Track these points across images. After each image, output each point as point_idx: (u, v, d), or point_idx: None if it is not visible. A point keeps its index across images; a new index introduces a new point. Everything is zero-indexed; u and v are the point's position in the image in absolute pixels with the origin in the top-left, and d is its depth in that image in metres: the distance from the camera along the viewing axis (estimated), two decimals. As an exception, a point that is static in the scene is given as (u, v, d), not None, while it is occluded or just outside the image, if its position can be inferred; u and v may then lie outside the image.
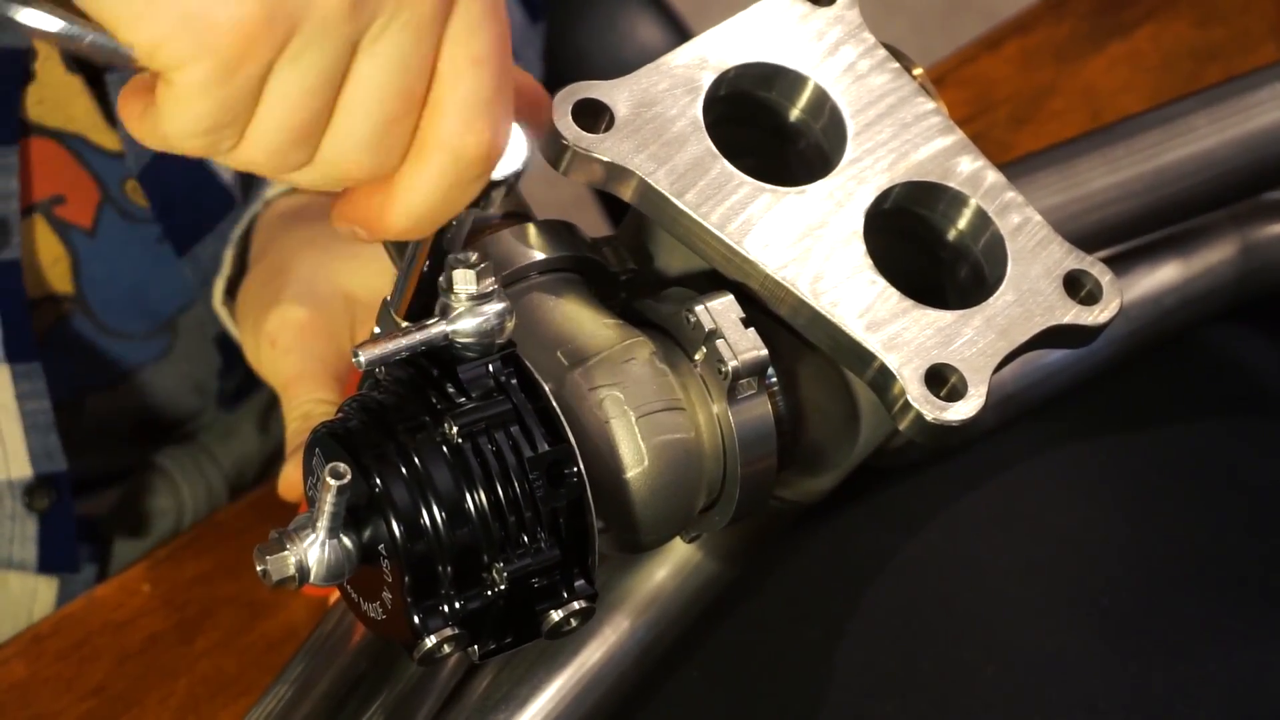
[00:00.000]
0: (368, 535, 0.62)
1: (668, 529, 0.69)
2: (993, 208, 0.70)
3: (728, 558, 0.79)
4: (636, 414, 0.66)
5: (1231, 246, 0.89)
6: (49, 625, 0.88)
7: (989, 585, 0.83)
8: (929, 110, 0.71)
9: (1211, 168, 0.84)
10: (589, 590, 0.64)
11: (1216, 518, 0.86)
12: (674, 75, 0.70)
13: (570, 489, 0.63)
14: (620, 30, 1.25)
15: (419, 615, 0.62)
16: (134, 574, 0.90)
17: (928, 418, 0.66)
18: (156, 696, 0.86)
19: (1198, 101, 0.85)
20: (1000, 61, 1.09)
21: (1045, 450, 0.87)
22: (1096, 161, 0.83)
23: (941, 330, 0.67)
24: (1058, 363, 0.86)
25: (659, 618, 0.77)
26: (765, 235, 0.68)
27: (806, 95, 0.71)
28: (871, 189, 0.69)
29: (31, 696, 0.86)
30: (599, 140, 0.68)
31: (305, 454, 0.65)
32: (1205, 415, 0.90)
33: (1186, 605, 0.83)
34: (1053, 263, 0.69)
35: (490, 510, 0.62)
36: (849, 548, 0.84)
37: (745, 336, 0.67)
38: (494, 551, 0.62)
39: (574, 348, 0.67)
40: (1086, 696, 0.80)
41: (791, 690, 0.81)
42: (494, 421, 0.63)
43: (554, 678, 0.75)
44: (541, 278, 0.69)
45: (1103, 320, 0.69)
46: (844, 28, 0.72)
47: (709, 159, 0.69)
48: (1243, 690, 0.80)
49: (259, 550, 0.62)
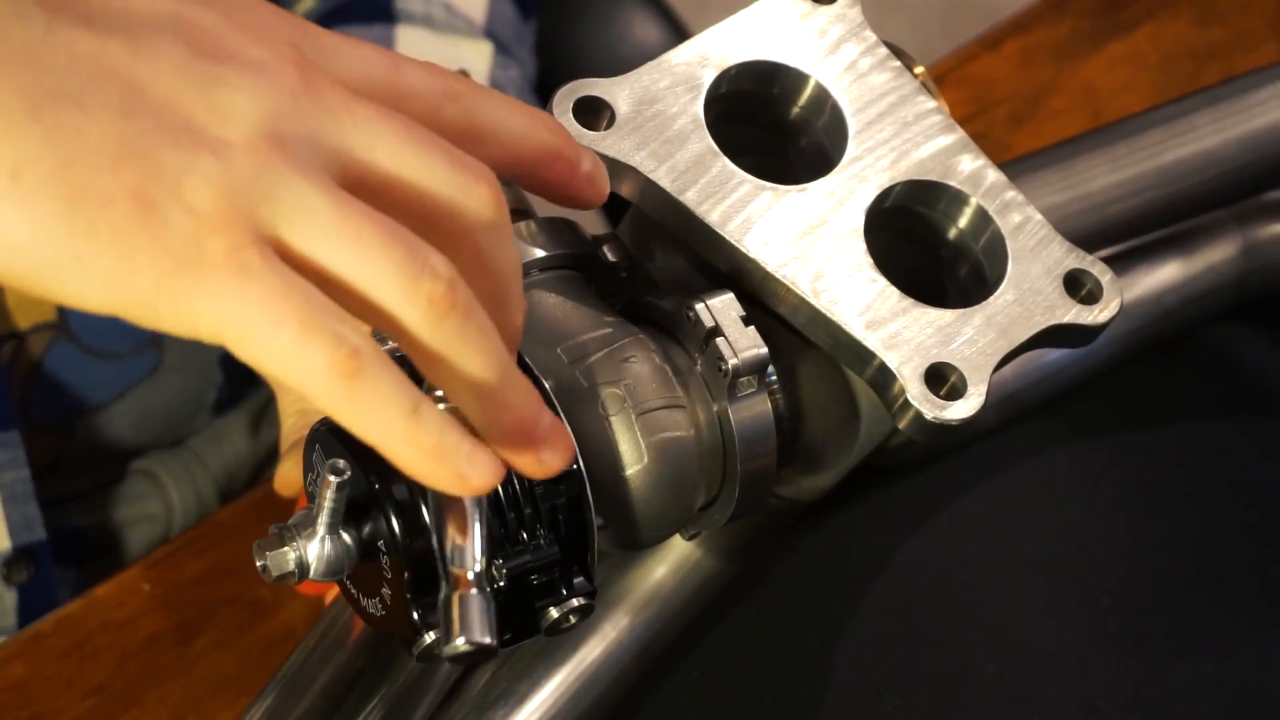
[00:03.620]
0: (367, 531, 0.62)
1: (667, 526, 0.69)
2: (993, 207, 0.70)
3: (727, 555, 0.79)
4: (636, 411, 0.66)
5: (1233, 246, 0.89)
6: (49, 624, 0.88)
7: (989, 585, 0.83)
8: (930, 109, 0.71)
9: (1213, 167, 0.84)
10: (588, 587, 0.64)
11: (1217, 518, 0.86)
12: (675, 73, 0.70)
13: (570, 486, 0.63)
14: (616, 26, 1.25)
15: (418, 611, 0.62)
16: (134, 574, 0.89)
17: (927, 416, 0.66)
18: (156, 696, 0.86)
19: (1199, 100, 0.85)
20: (1000, 61, 1.09)
21: (1045, 449, 0.87)
22: (1097, 160, 0.83)
23: (941, 329, 0.67)
24: (1058, 362, 0.86)
25: (658, 615, 0.77)
26: (766, 233, 0.68)
27: (807, 93, 0.72)
28: (872, 187, 0.69)
29: (31, 696, 0.86)
30: (600, 138, 0.68)
31: (305, 450, 0.65)
32: (1206, 415, 0.90)
33: (1186, 605, 0.83)
34: (1053, 262, 0.69)
35: (489, 507, 0.62)
36: (849, 546, 0.84)
37: (745, 334, 0.67)
38: (493, 548, 0.62)
39: (574, 345, 0.67)
40: (1086, 696, 0.79)
41: (791, 689, 0.81)
42: (494, 419, 0.63)
43: (553, 674, 0.75)
44: (541, 275, 0.69)
45: (1103, 319, 0.69)
46: (845, 26, 0.72)
47: (710, 157, 0.69)
48: (1243, 690, 0.80)
49: (259, 545, 0.62)
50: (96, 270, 0.52)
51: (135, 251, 0.52)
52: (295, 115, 0.55)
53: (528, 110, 0.63)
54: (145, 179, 0.52)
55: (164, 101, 0.54)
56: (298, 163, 0.55)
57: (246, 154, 0.54)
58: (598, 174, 0.64)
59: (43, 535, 0.94)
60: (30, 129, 0.52)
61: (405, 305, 0.55)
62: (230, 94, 0.54)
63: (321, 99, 0.56)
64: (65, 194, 0.52)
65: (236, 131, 0.54)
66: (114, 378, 1.00)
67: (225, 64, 0.55)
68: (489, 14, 1.10)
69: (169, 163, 0.53)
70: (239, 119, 0.54)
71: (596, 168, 0.64)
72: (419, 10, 1.07)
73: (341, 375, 0.53)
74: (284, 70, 0.56)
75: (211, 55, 0.55)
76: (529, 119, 0.62)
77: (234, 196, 0.53)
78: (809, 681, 0.80)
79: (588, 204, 0.65)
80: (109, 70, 0.53)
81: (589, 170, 0.64)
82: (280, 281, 0.53)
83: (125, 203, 0.52)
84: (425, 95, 0.60)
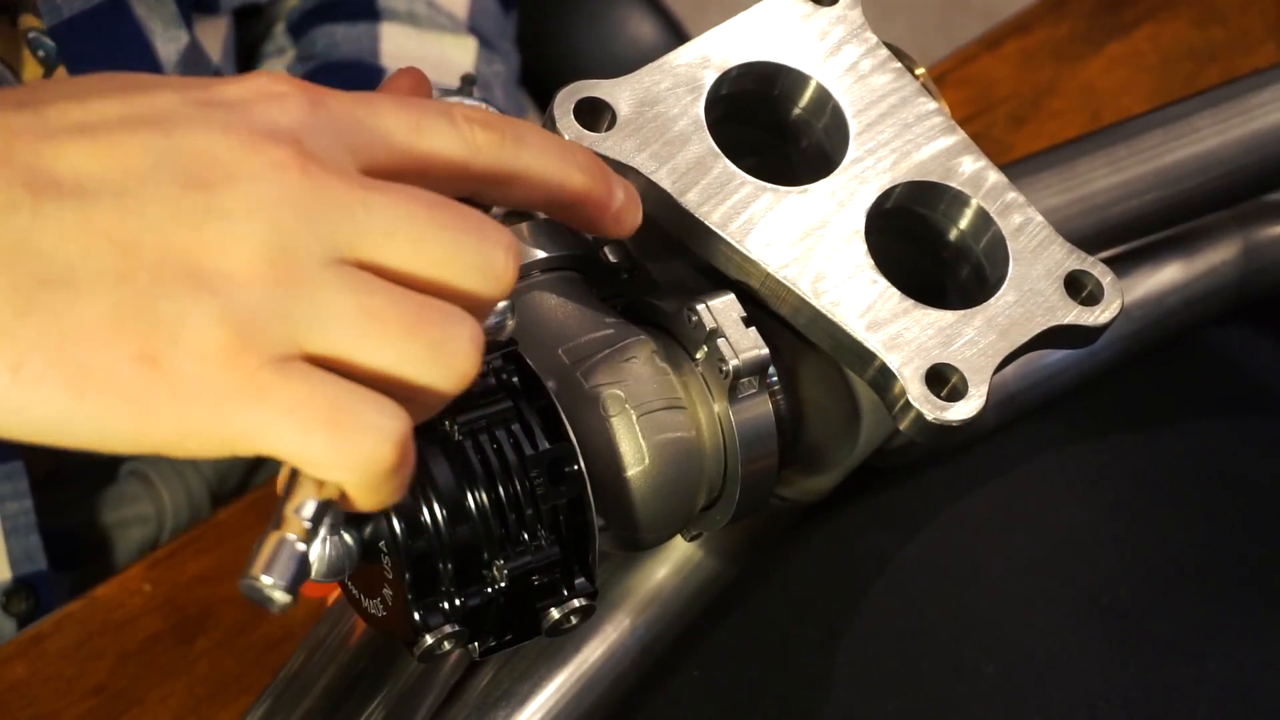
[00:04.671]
0: (369, 532, 0.62)
1: (668, 527, 0.69)
2: (994, 208, 0.70)
3: (728, 556, 0.79)
4: (637, 412, 0.66)
5: (1234, 247, 0.89)
6: (49, 624, 0.88)
7: (989, 585, 0.83)
8: (931, 110, 0.71)
9: (1214, 168, 0.84)
10: (589, 588, 0.64)
11: (1217, 518, 0.86)
12: (676, 74, 0.70)
13: (571, 487, 0.63)
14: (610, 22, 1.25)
15: (419, 612, 0.62)
16: (134, 574, 0.89)
17: (928, 418, 0.66)
18: (157, 696, 0.86)
19: (1200, 102, 0.85)
20: (999, 61, 1.09)
21: (1046, 450, 0.87)
22: (1098, 162, 0.83)
23: (942, 330, 0.67)
24: (1059, 363, 0.86)
25: (659, 616, 0.77)
26: (767, 234, 0.68)
27: (809, 95, 0.72)
28: (873, 189, 0.69)
29: (32, 695, 0.86)
30: (601, 139, 0.68)
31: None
32: (1207, 416, 0.90)
33: (1186, 605, 0.83)
34: (1054, 263, 0.69)
35: (491, 508, 0.62)
36: (849, 547, 0.84)
37: (746, 335, 0.67)
38: (494, 549, 0.62)
39: (575, 346, 0.67)
40: (1086, 696, 0.79)
41: (791, 689, 0.81)
42: (495, 419, 0.63)
43: (554, 675, 0.75)
44: (543, 276, 0.69)
45: (1104, 321, 0.69)
46: (846, 27, 0.72)
47: (711, 158, 0.69)
48: (1243, 690, 0.80)
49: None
50: (120, 431, 0.54)
51: (151, 408, 0.53)
52: (301, 223, 0.55)
53: (559, 148, 0.62)
54: (145, 338, 0.53)
55: (159, 252, 0.54)
56: (307, 273, 0.55)
57: (248, 281, 0.54)
58: (627, 211, 0.64)
59: (43, 566, 0.94)
60: (26, 321, 0.53)
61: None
62: (225, 224, 0.54)
63: (329, 197, 0.56)
64: (69, 376, 0.53)
65: (237, 261, 0.54)
66: None
67: (219, 189, 0.55)
68: (472, 9, 1.10)
69: (167, 314, 0.53)
70: (238, 246, 0.54)
71: (628, 205, 0.64)
72: (402, 7, 1.07)
73: (384, 470, 0.55)
74: (285, 177, 0.55)
75: (203, 184, 0.55)
76: (560, 159, 0.62)
77: (239, 327, 0.54)
78: (809, 681, 0.81)
79: (616, 236, 0.65)
80: (100, 237, 0.54)
81: (619, 209, 0.64)
82: (302, 392, 0.54)
83: (130, 366, 0.53)
84: (450, 157, 0.60)
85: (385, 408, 0.55)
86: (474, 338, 0.56)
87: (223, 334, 0.53)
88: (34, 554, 0.94)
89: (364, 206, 0.56)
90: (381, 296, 0.55)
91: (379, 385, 0.55)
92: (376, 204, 0.56)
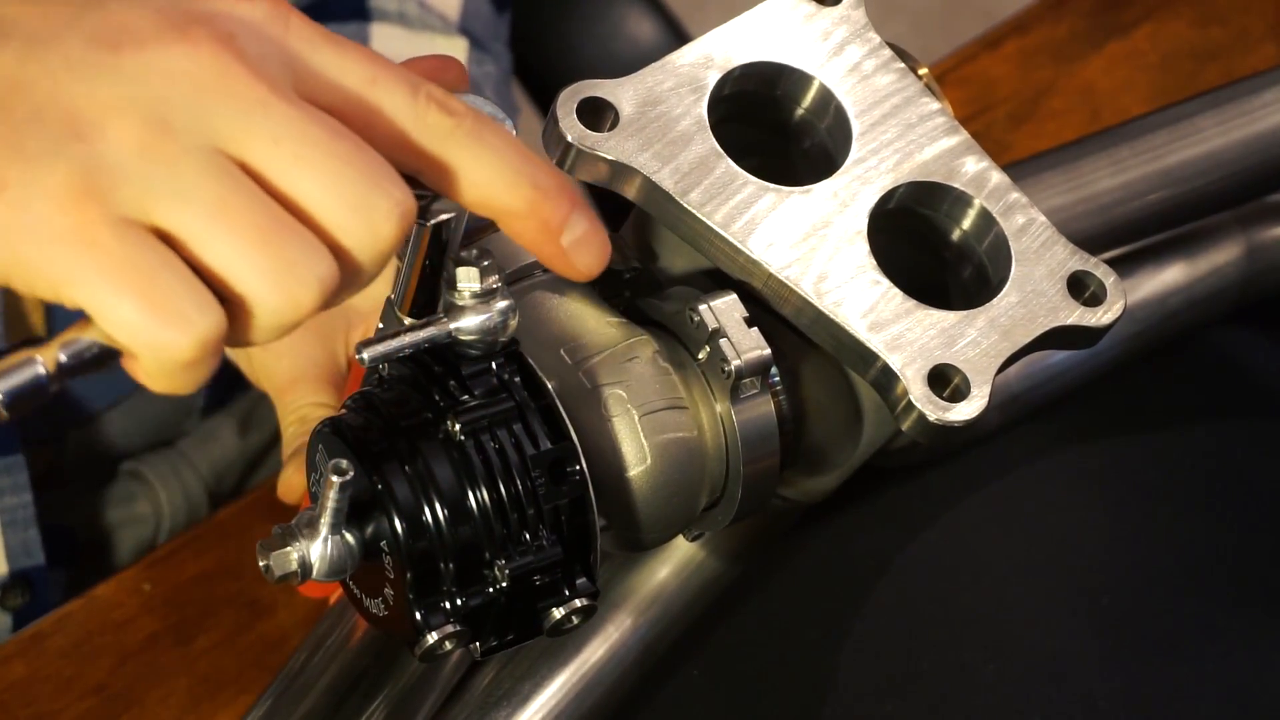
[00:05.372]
0: (370, 531, 0.62)
1: (670, 527, 0.69)
2: (997, 208, 0.70)
3: (730, 557, 0.79)
4: (639, 412, 0.66)
5: (1237, 248, 0.89)
6: (49, 624, 0.88)
7: (990, 585, 0.83)
8: (934, 110, 0.71)
9: (1217, 169, 0.84)
10: (591, 588, 0.64)
11: (1218, 519, 0.86)
12: (679, 74, 0.70)
13: (572, 487, 0.63)
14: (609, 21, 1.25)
15: (421, 612, 0.62)
16: (134, 573, 0.89)
17: (930, 418, 0.66)
18: (156, 696, 0.86)
19: (1203, 103, 0.85)
20: (999, 61, 1.09)
21: (1048, 451, 0.87)
22: (1101, 163, 0.83)
23: (945, 331, 0.67)
24: (1062, 364, 0.86)
25: (661, 616, 0.77)
26: (769, 235, 0.68)
27: (811, 95, 0.71)
28: (876, 189, 0.69)
29: (32, 695, 0.86)
30: (603, 139, 0.68)
31: (308, 450, 0.65)
32: (1209, 417, 0.90)
33: (1186, 605, 0.83)
34: (1057, 264, 0.69)
35: (492, 508, 0.62)
36: (851, 548, 0.84)
37: (748, 336, 0.67)
38: (496, 549, 0.62)
39: (577, 346, 0.67)
40: (1086, 696, 0.79)
41: (792, 689, 0.81)
42: (497, 419, 0.63)
43: (556, 675, 0.75)
44: (545, 276, 0.69)
45: (1107, 322, 0.69)
46: (849, 27, 0.72)
47: (713, 158, 0.69)
48: (1242, 690, 0.80)
49: (262, 545, 0.62)
50: None
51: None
52: (191, 101, 0.56)
53: (519, 158, 0.60)
54: (5, 165, 0.55)
55: (46, 95, 0.56)
56: (179, 149, 0.55)
57: (119, 141, 0.55)
58: (584, 248, 0.62)
59: (41, 560, 0.94)
60: None
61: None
62: (116, 85, 0.56)
63: (230, 87, 0.56)
64: None
65: (114, 120, 0.55)
66: (105, 388, 0.99)
67: (124, 53, 0.56)
68: (463, 10, 1.09)
69: (30, 150, 0.55)
70: (121, 107, 0.56)
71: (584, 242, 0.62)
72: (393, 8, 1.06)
73: (178, 360, 0.55)
74: (195, 54, 0.56)
75: (111, 46, 0.56)
76: (513, 168, 0.60)
77: (92, 178, 0.55)
78: (810, 681, 0.81)
79: (566, 275, 0.62)
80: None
81: (573, 242, 0.61)
82: (130, 255, 0.54)
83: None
84: (393, 122, 0.59)
85: (204, 303, 0.55)
86: (323, 274, 0.56)
87: (73, 179, 0.55)
88: (32, 548, 0.93)
89: (263, 107, 0.56)
90: (244, 197, 0.56)
91: (212, 282, 0.56)
92: (277, 111, 0.56)
